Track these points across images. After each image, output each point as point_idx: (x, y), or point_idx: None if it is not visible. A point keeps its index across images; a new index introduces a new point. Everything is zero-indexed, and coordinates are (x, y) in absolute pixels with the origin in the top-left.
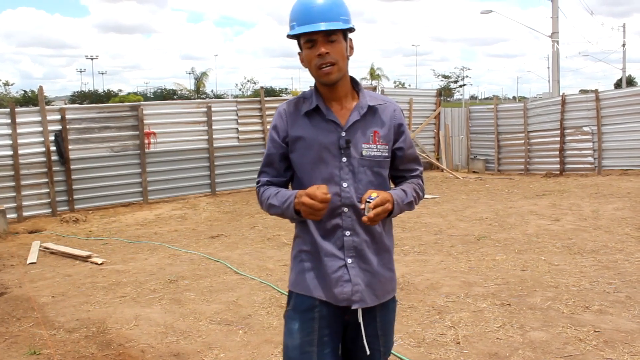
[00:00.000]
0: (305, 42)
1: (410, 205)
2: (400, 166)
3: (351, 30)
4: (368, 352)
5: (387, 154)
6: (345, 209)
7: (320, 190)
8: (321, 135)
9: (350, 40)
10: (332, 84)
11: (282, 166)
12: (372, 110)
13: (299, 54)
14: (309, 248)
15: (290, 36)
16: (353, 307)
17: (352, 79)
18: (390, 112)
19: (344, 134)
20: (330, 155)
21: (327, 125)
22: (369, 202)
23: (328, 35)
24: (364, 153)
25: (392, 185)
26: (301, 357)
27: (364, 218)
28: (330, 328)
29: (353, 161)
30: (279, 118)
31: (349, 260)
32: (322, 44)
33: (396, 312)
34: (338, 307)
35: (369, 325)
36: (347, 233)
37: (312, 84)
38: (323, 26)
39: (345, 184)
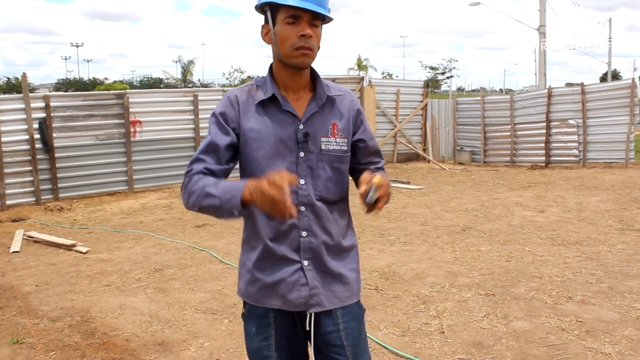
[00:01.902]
0: (288, 16)
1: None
2: (362, 159)
3: (328, 21)
4: None
5: (346, 148)
6: (302, 208)
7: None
8: (277, 128)
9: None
10: (302, 67)
11: (227, 155)
12: (330, 101)
13: (263, 26)
14: (260, 253)
15: (260, 5)
16: (309, 312)
17: (310, 68)
18: (348, 103)
19: (301, 126)
20: (287, 150)
21: (283, 116)
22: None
23: (314, 18)
24: (323, 147)
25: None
26: None
27: (377, 207)
28: (287, 332)
29: (311, 156)
30: (229, 105)
31: (305, 263)
32: (307, 24)
33: (364, 322)
34: (293, 312)
35: (332, 334)
36: (304, 234)
37: (268, 68)
38: (318, 8)
39: (302, 181)
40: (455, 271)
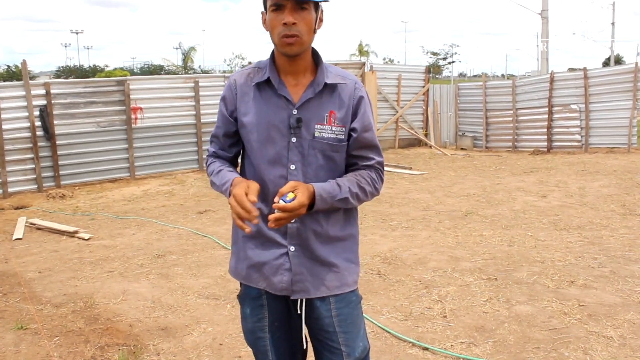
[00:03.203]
0: (272, 4)
1: (344, 202)
2: (353, 151)
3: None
4: (305, 346)
5: (342, 137)
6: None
7: (249, 196)
8: (270, 112)
9: (322, 11)
10: (291, 55)
11: (227, 142)
12: (330, 88)
13: (262, 13)
14: (252, 232)
15: None
16: (292, 297)
17: (314, 52)
18: (351, 91)
19: (295, 111)
20: (279, 134)
21: (277, 100)
22: (283, 201)
23: (299, 2)
24: (316, 134)
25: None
26: (256, 342)
27: (270, 218)
28: (280, 314)
29: (303, 142)
30: (228, 90)
31: (292, 248)
32: (290, 11)
33: (361, 308)
34: (285, 296)
35: (324, 319)
36: (292, 220)
37: (271, 51)
38: None
39: (293, 167)
40: (457, 256)
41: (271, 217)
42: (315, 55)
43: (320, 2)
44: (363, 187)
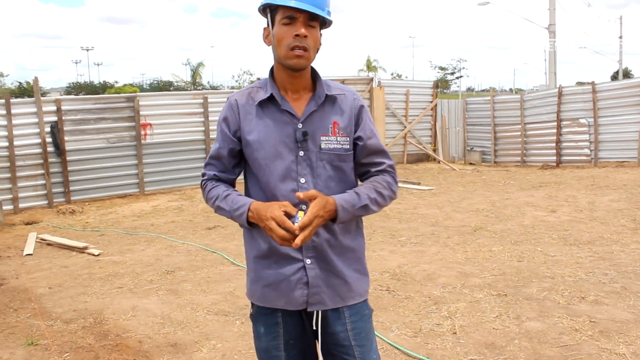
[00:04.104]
0: (284, 17)
1: (365, 209)
2: (362, 159)
3: (326, 25)
4: None
5: (348, 147)
6: (304, 207)
7: (286, 218)
8: (276, 128)
9: (321, 35)
10: (298, 69)
11: (231, 162)
12: (330, 100)
13: (265, 29)
14: (264, 252)
15: (263, 7)
16: (309, 309)
17: (312, 69)
18: (350, 101)
19: (300, 125)
20: (287, 149)
21: (282, 116)
22: (295, 223)
23: (310, 19)
24: (322, 146)
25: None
26: None
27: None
28: (295, 332)
29: (311, 155)
30: (229, 110)
31: (308, 261)
32: (302, 24)
33: (372, 322)
34: (300, 311)
35: (340, 334)
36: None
37: (269, 69)
38: (313, 8)
39: (303, 180)
40: (466, 272)
41: (297, 241)
42: (313, 72)
43: (324, 22)
44: (380, 191)
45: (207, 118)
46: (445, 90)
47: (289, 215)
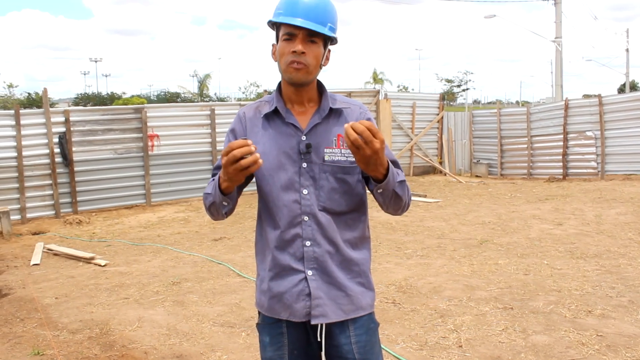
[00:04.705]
0: (284, 33)
1: (402, 187)
2: None
3: (333, 41)
4: None
5: (353, 159)
6: (306, 218)
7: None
8: (280, 140)
9: (329, 51)
10: (297, 84)
11: None
12: (336, 113)
13: (273, 45)
14: (269, 264)
15: (270, 24)
16: (313, 322)
17: (318, 83)
18: (357, 114)
19: (304, 137)
20: (290, 161)
21: (286, 128)
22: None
23: (310, 35)
24: (326, 158)
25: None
26: None
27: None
28: (300, 342)
29: (314, 167)
30: (237, 122)
31: (310, 273)
32: (301, 41)
33: (379, 335)
34: (305, 322)
35: (344, 346)
36: (308, 243)
37: (277, 86)
38: (310, 25)
39: (305, 191)
40: (472, 285)
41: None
42: (319, 86)
43: (329, 37)
44: (408, 187)
45: (214, 130)
46: (451, 103)
47: (280, 219)
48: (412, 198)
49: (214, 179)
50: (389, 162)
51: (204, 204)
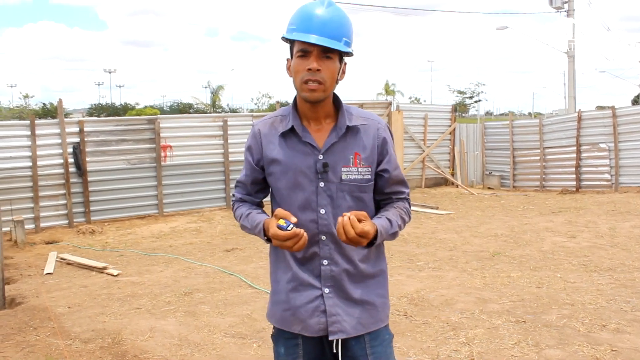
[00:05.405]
0: (298, 50)
1: (394, 235)
2: (385, 189)
3: (349, 54)
4: None
5: (369, 177)
6: (323, 237)
7: (284, 219)
8: (297, 159)
9: (345, 64)
10: (312, 102)
11: (254, 189)
12: (353, 131)
13: (287, 60)
14: (285, 277)
15: (284, 39)
16: (331, 338)
17: (335, 97)
18: (374, 131)
19: (321, 157)
20: (307, 180)
21: (303, 147)
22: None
23: (325, 51)
24: (343, 177)
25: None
26: None
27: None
28: (315, 353)
29: (331, 186)
30: (253, 139)
31: (326, 290)
32: (316, 58)
33: (392, 347)
34: (320, 336)
35: (359, 357)
36: (325, 262)
37: (293, 99)
38: (325, 42)
39: (322, 211)
40: (485, 297)
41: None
42: (335, 100)
43: (344, 52)
44: (404, 217)
45: (227, 141)
46: (463, 114)
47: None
48: (424, 210)
49: (250, 213)
50: (377, 228)
51: (238, 221)
